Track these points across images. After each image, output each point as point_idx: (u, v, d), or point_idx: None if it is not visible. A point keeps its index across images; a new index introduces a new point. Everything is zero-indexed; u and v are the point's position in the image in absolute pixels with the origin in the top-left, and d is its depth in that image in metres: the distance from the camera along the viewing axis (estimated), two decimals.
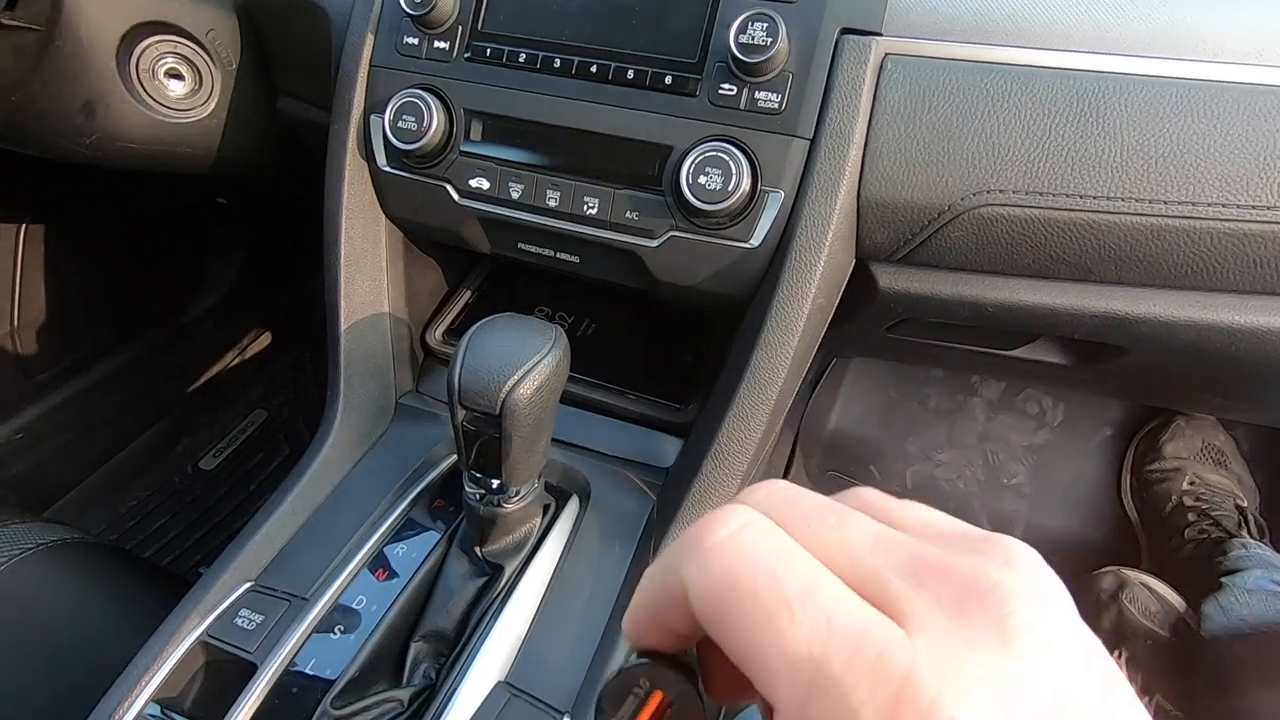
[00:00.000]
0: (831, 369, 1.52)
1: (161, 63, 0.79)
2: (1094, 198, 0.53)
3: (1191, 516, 1.23)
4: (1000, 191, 0.55)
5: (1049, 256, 0.57)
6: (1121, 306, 0.59)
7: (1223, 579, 1.09)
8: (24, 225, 1.24)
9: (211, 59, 0.82)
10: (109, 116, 0.78)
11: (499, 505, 0.59)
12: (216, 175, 0.91)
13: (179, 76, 0.81)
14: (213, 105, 0.84)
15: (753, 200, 0.58)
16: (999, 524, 1.37)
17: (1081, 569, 1.28)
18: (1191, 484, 1.28)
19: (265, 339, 1.73)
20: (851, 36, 0.57)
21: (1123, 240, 0.54)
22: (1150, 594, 1.13)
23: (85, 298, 1.37)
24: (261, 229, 1.64)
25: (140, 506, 1.44)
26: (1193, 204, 0.52)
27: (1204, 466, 1.30)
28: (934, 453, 1.46)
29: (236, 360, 1.69)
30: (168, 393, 1.54)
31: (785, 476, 1.40)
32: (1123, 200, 0.53)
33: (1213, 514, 1.22)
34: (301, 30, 0.77)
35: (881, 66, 0.56)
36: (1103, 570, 1.14)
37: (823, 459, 1.47)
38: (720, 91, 0.59)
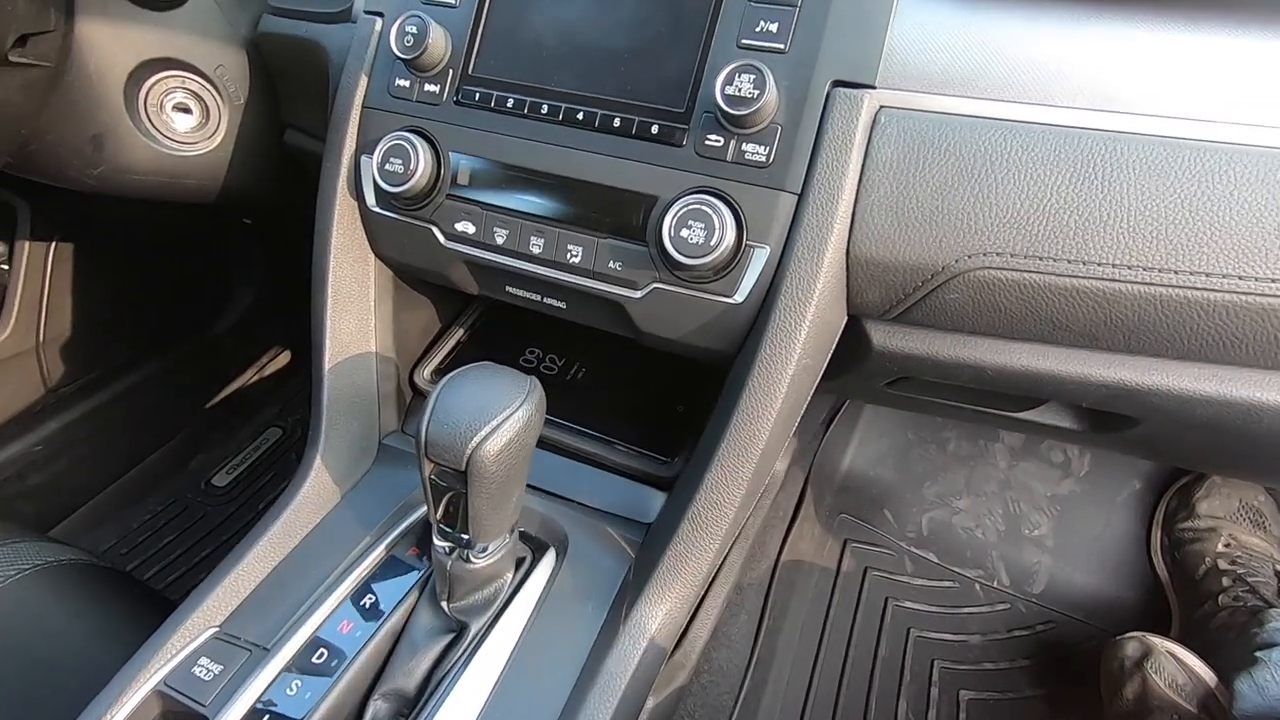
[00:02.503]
0: (846, 408, 1.48)
1: (170, 97, 0.81)
2: (1098, 264, 0.50)
3: (1226, 581, 1.16)
4: (997, 254, 0.52)
5: (1051, 323, 0.53)
6: (1131, 377, 0.55)
7: (1258, 653, 1.01)
8: (54, 244, 1.27)
9: (220, 94, 0.84)
10: (116, 149, 0.79)
11: (468, 560, 0.57)
12: (223, 205, 0.92)
13: (187, 110, 0.83)
14: (219, 138, 0.85)
15: (737, 255, 0.56)
16: (1019, 577, 1.31)
17: (1105, 630, 1.21)
18: (1227, 546, 1.20)
19: (284, 358, 1.76)
20: (844, 89, 0.54)
21: (1130, 310, 0.51)
22: (1177, 665, 1.06)
23: (110, 315, 1.40)
24: (284, 250, 1.67)
25: (152, 521, 1.46)
26: (1206, 274, 0.48)
27: (1241, 528, 1.22)
28: (952, 499, 1.41)
29: (255, 378, 1.71)
30: (185, 409, 1.57)
31: (794, 518, 1.36)
32: (1129, 268, 0.49)
33: (1249, 580, 1.14)
34: (305, 68, 0.78)
35: (875, 120, 0.54)
36: (1126, 636, 1.07)
37: (834, 501, 1.43)
38: (707, 142, 0.57)
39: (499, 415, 0.49)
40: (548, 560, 0.65)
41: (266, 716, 0.54)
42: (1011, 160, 0.51)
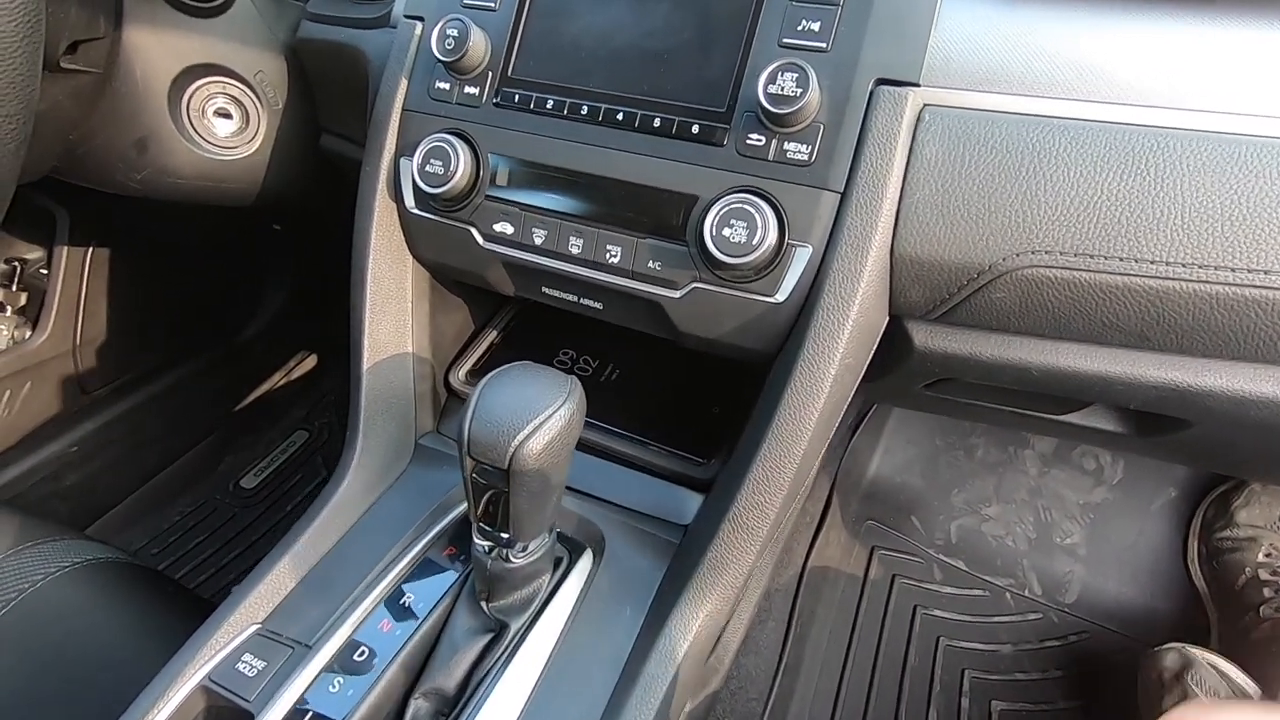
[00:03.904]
0: (873, 414, 1.46)
1: (211, 102, 0.82)
2: (1151, 262, 0.49)
3: (1268, 592, 1.13)
4: (1046, 252, 0.51)
5: (1101, 322, 0.52)
6: (1183, 378, 0.54)
7: None
8: (91, 250, 1.30)
9: (259, 99, 0.85)
10: (160, 153, 0.81)
11: (507, 560, 0.57)
12: (260, 208, 0.94)
13: (227, 116, 0.84)
14: (258, 143, 0.87)
15: (779, 254, 0.56)
16: (1050, 586, 1.29)
17: (1141, 641, 1.19)
18: (1268, 556, 1.18)
19: (311, 361, 1.78)
20: (887, 87, 0.54)
21: (1185, 309, 0.50)
22: (1220, 677, 1.03)
23: (144, 319, 1.43)
24: (312, 254, 1.69)
25: (182, 522, 1.48)
26: (1265, 272, 0.47)
27: None
28: (981, 506, 1.39)
29: (283, 381, 1.73)
30: (215, 411, 1.58)
31: (820, 524, 1.35)
32: (1184, 266, 0.48)
33: None
34: (343, 72, 0.79)
35: (919, 118, 0.54)
36: (1166, 647, 1.05)
37: (861, 507, 1.41)
38: (748, 142, 0.57)
39: (541, 414, 0.49)
40: (585, 561, 0.65)
41: (309, 714, 0.54)
42: (1060, 157, 0.50)
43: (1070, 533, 1.34)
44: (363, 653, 0.58)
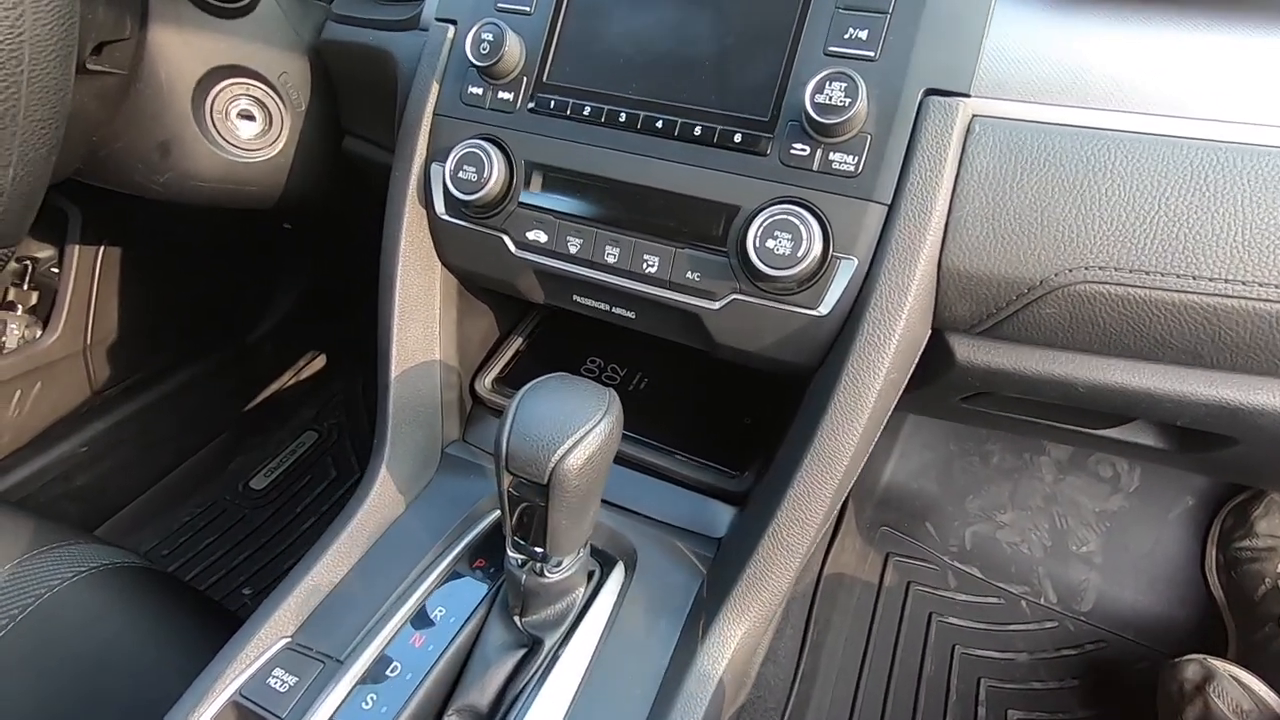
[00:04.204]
0: (888, 419, 1.45)
1: (235, 104, 0.81)
2: (1209, 279, 0.48)
3: None
4: (1100, 268, 0.50)
5: (1153, 339, 0.52)
6: (1235, 396, 0.53)
7: None
8: (103, 248, 1.28)
9: (282, 101, 0.84)
10: (183, 156, 0.79)
11: (542, 574, 0.56)
12: (281, 211, 0.93)
13: (250, 118, 0.83)
14: (281, 145, 0.86)
15: (823, 266, 0.55)
16: (1066, 595, 1.28)
17: (1158, 650, 1.18)
18: None
19: (320, 361, 1.76)
20: (937, 97, 0.53)
21: (1241, 327, 0.49)
22: (1242, 689, 1.03)
23: (155, 318, 1.42)
24: (323, 255, 1.68)
25: (192, 523, 1.47)
26: None
27: None
28: (996, 513, 1.38)
29: (292, 381, 1.72)
30: (225, 412, 1.57)
31: (836, 531, 1.34)
32: (1243, 284, 0.47)
33: None
34: (370, 75, 0.78)
35: (969, 129, 0.53)
36: (1187, 658, 1.04)
37: (875, 513, 1.40)
38: (792, 151, 0.56)
39: (581, 428, 0.48)
40: (617, 574, 0.64)
41: None
42: (1116, 171, 0.49)
43: (1086, 540, 1.33)
44: (395, 668, 0.57)
